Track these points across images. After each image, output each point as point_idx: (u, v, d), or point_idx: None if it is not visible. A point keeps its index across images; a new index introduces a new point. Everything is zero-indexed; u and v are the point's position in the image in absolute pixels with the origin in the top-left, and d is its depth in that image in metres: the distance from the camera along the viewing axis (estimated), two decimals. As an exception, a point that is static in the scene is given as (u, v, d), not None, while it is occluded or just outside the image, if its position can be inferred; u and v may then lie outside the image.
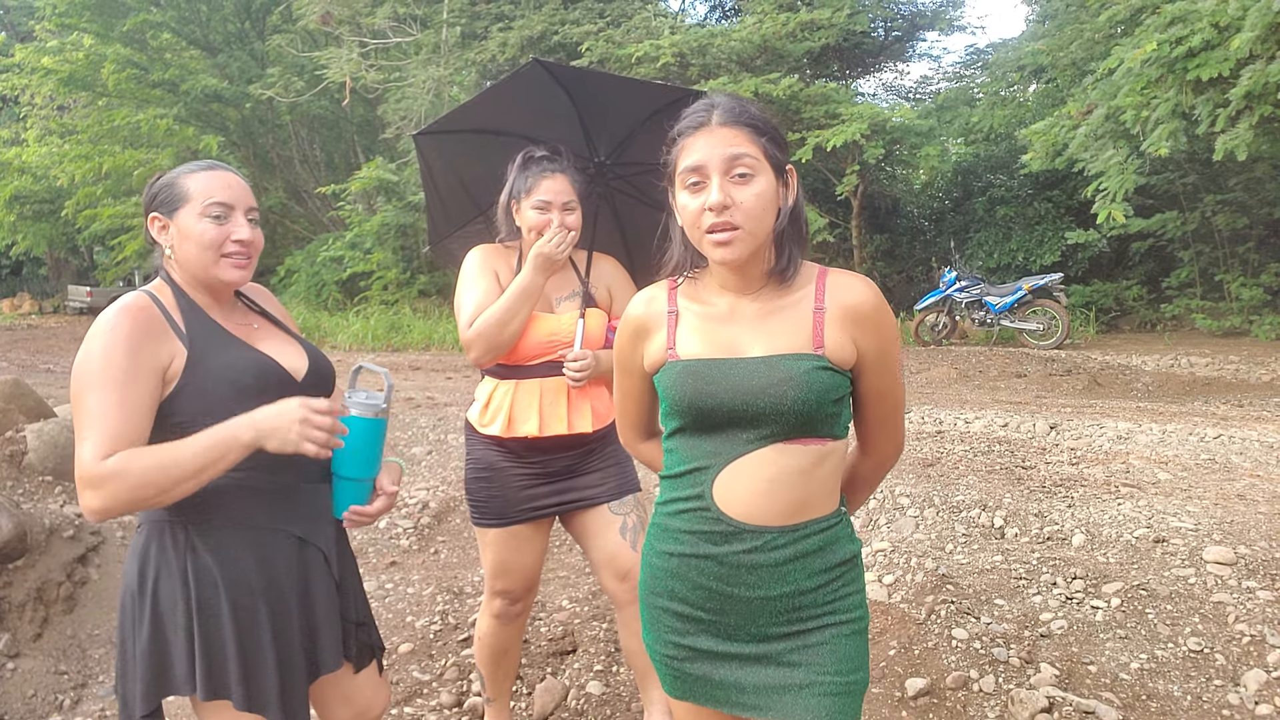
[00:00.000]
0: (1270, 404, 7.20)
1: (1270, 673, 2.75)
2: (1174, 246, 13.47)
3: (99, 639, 3.22)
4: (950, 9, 17.73)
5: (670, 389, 1.44)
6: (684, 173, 1.38)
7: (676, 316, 1.49)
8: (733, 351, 1.43)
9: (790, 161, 1.44)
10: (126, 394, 1.50)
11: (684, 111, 1.41)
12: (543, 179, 2.28)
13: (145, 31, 18.49)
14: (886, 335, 1.45)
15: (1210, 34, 7.96)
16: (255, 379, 1.61)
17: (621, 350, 1.57)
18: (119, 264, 21.70)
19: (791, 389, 1.36)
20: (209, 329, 1.64)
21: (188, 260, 1.64)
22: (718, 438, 1.42)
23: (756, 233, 1.37)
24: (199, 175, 1.64)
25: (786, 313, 1.44)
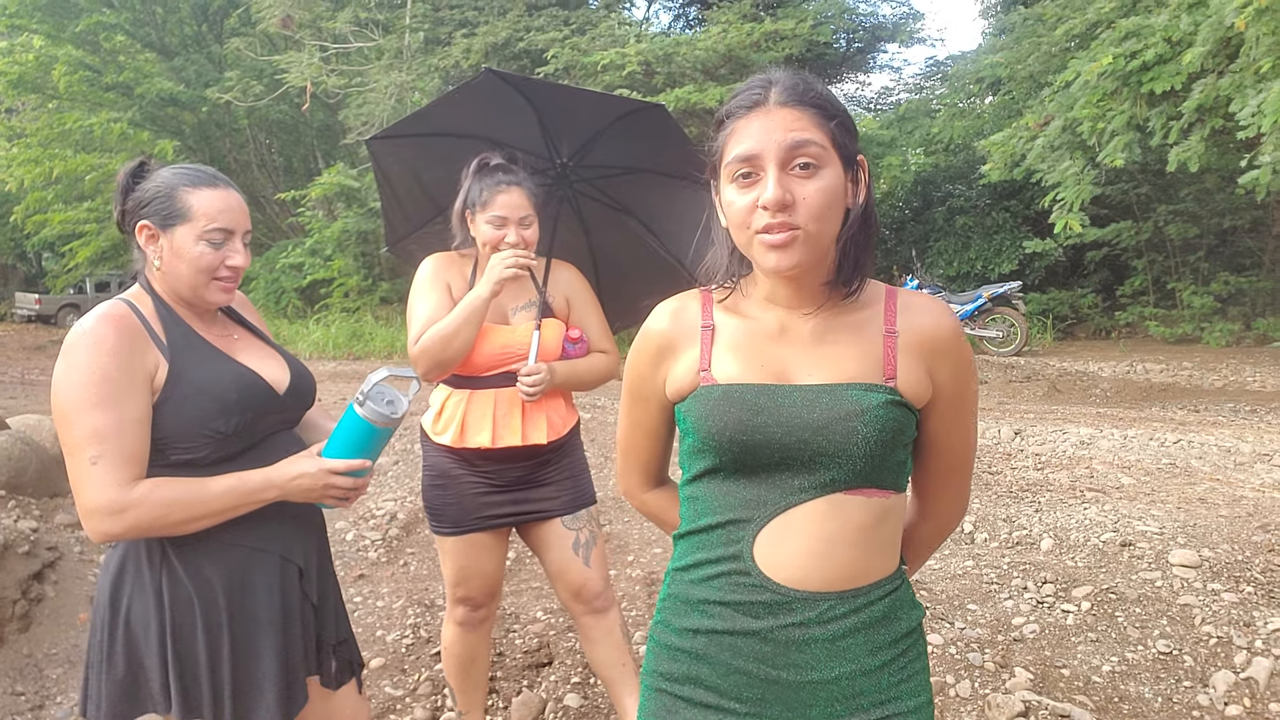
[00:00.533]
0: (1225, 409, 7.38)
1: (1238, 674, 2.80)
2: (1128, 255, 13.79)
3: (56, 658, 3.11)
4: (910, 22, 18.07)
5: (703, 419, 1.17)
6: (733, 162, 1.12)
7: (713, 332, 1.23)
8: (784, 377, 1.17)
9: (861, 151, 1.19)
10: (126, 410, 1.44)
11: (735, 88, 1.18)
12: (498, 193, 2.23)
13: (98, 33, 18.07)
14: (965, 372, 1.22)
15: (1163, 49, 8.17)
16: (238, 394, 1.55)
17: (638, 373, 1.30)
18: (69, 271, 21.16)
19: (862, 426, 1.11)
20: (190, 340, 1.58)
21: (176, 278, 1.57)
22: (761, 483, 1.15)
23: (820, 236, 1.12)
24: (202, 193, 1.56)
25: (850, 335, 1.18)
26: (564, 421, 2.35)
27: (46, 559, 3.41)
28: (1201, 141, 8.14)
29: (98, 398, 1.43)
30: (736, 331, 1.22)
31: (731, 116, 1.15)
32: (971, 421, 1.26)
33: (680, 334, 1.26)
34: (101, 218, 18.99)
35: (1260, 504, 4.11)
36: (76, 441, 1.43)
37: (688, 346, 1.24)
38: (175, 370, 1.52)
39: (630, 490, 1.45)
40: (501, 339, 2.27)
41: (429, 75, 14.71)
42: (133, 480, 1.44)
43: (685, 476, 1.26)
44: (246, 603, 1.57)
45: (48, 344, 17.77)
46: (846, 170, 1.14)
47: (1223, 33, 7.40)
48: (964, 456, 1.28)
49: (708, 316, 1.25)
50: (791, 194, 1.09)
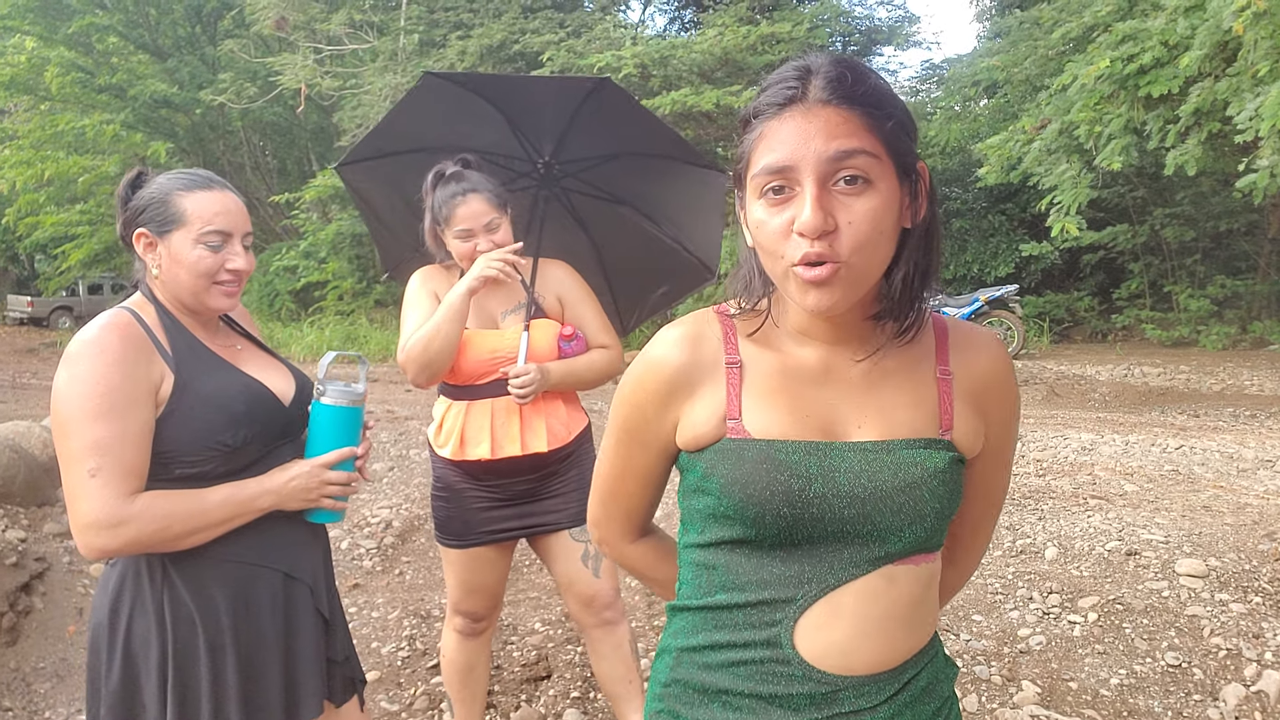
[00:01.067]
0: (1225, 413, 7.36)
1: (1248, 687, 2.76)
2: (1124, 259, 13.79)
3: (44, 672, 3.04)
4: (906, 25, 18.05)
5: (737, 484, 0.97)
6: (761, 174, 0.91)
7: (740, 370, 1.01)
8: (833, 432, 0.99)
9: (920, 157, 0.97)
10: (129, 423, 1.40)
11: (768, 78, 0.95)
12: (456, 206, 2.19)
13: (91, 35, 18.01)
14: (1014, 415, 1.09)
15: (1160, 52, 8.16)
16: (246, 405, 1.51)
17: (640, 413, 1.07)
18: (61, 273, 21.06)
19: (929, 495, 0.96)
20: (195, 351, 1.53)
21: (176, 284, 1.53)
22: (805, 558, 0.98)
23: (868, 270, 0.92)
24: (197, 196, 1.51)
25: (901, 378, 1.01)
26: (567, 427, 2.29)
27: (35, 570, 3.35)
28: (1199, 145, 8.12)
29: (100, 409, 1.38)
30: (770, 371, 1.01)
31: (761, 116, 0.93)
32: (1009, 466, 1.14)
33: (698, 369, 1.03)
34: (94, 220, 18.92)
35: (1265, 511, 4.07)
36: (75, 452, 1.38)
37: (708, 386, 1.02)
38: (181, 381, 1.47)
39: (608, 540, 1.22)
40: (490, 344, 2.22)
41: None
42: (131, 493, 1.40)
43: (695, 537, 1.06)
44: (250, 622, 1.52)
45: (40, 347, 17.65)
46: (903, 182, 0.92)
47: (1220, 36, 7.38)
48: (1000, 502, 1.17)
49: (732, 349, 1.03)
50: (834, 217, 0.88)
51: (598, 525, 1.21)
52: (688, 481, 1.05)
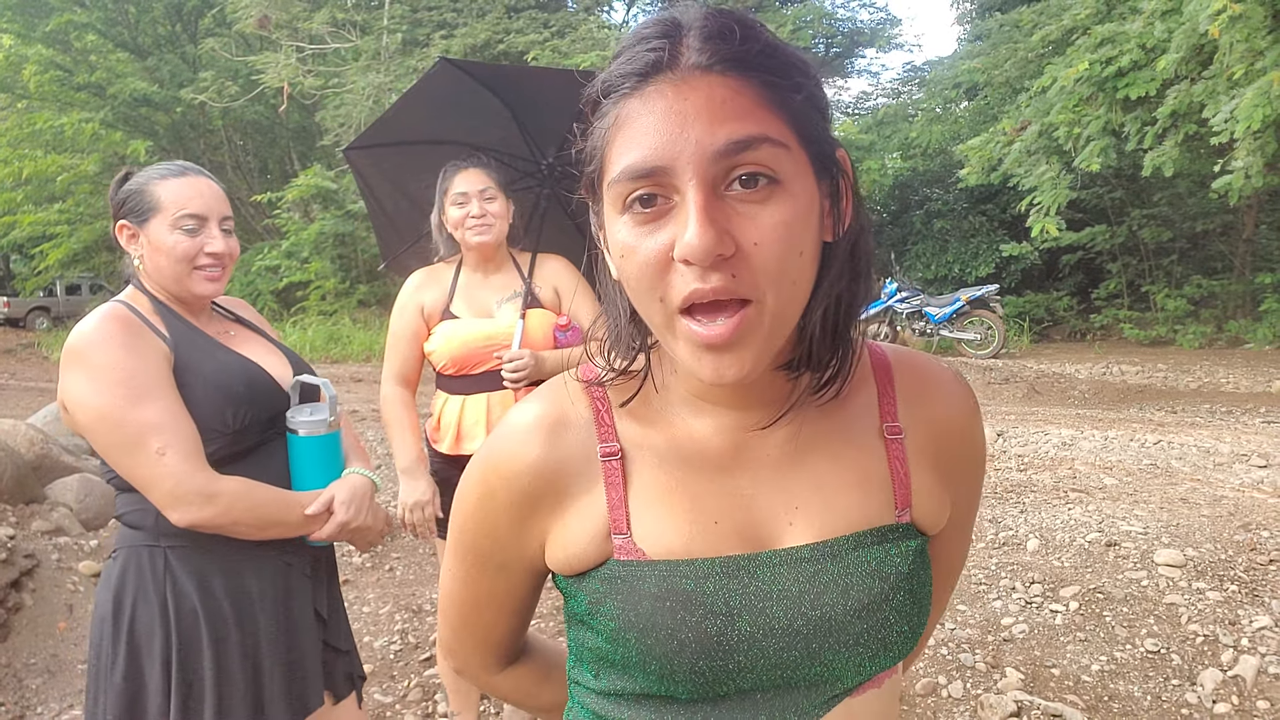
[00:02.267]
0: (1201, 410, 7.48)
1: (1225, 672, 2.83)
2: (1103, 259, 13.97)
3: (35, 668, 3.04)
4: (888, 27, 18.21)
5: (631, 628, 0.71)
6: (622, 181, 0.63)
7: (623, 464, 0.74)
8: (754, 537, 0.73)
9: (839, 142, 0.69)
10: (167, 399, 1.43)
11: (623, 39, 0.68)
12: (455, 175, 2.26)
13: (69, 32, 17.81)
14: (981, 472, 0.85)
15: (1138, 55, 8.29)
16: (246, 386, 1.53)
17: (490, 534, 0.79)
18: (39, 274, 20.82)
19: (898, 614, 0.72)
20: (192, 334, 1.56)
21: (159, 272, 1.55)
22: (736, 712, 0.73)
23: (788, 308, 0.65)
24: (170, 183, 1.54)
25: (838, 447, 0.75)
26: None
27: (24, 566, 3.34)
28: (1176, 147, 8.27)
29: (133, 393, 1.40)
30: (662, 458, 0.74)
31: (615, 93, 0.65)
32: (972, 530, 0.90)
33: (563, 469, 0.75)
34: (72, 220, 18.72)
35: (1240, 504, 4.16)
36: (132, 439, 1.39)
37: (580, 490, 0.75)
38: (180, 363, 1.49)
39: (468, 671, 0.93)
40: (484, 331, 2.26)
41: (407, 77, 14.62)
42: (209, 467, 1.43)
43: (589, 680, 0.79)
44: (252, 612, 1.53)
45: (17, 347, 17.46)
46: (821, 179, 0.66)
47: (1196, 39, 7.51)
48: (956, 574, 0.93)
49: (608, 434, 0.75)
50: (732, 236, 0.61)
51: (452, 654, 0.92)
52: (569, 607, 0.79)
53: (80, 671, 3.10)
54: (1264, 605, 3.16)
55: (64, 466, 4.38)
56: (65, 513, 4.00)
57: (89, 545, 3.82)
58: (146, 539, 1.49)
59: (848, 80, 28.41)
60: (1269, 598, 3.21)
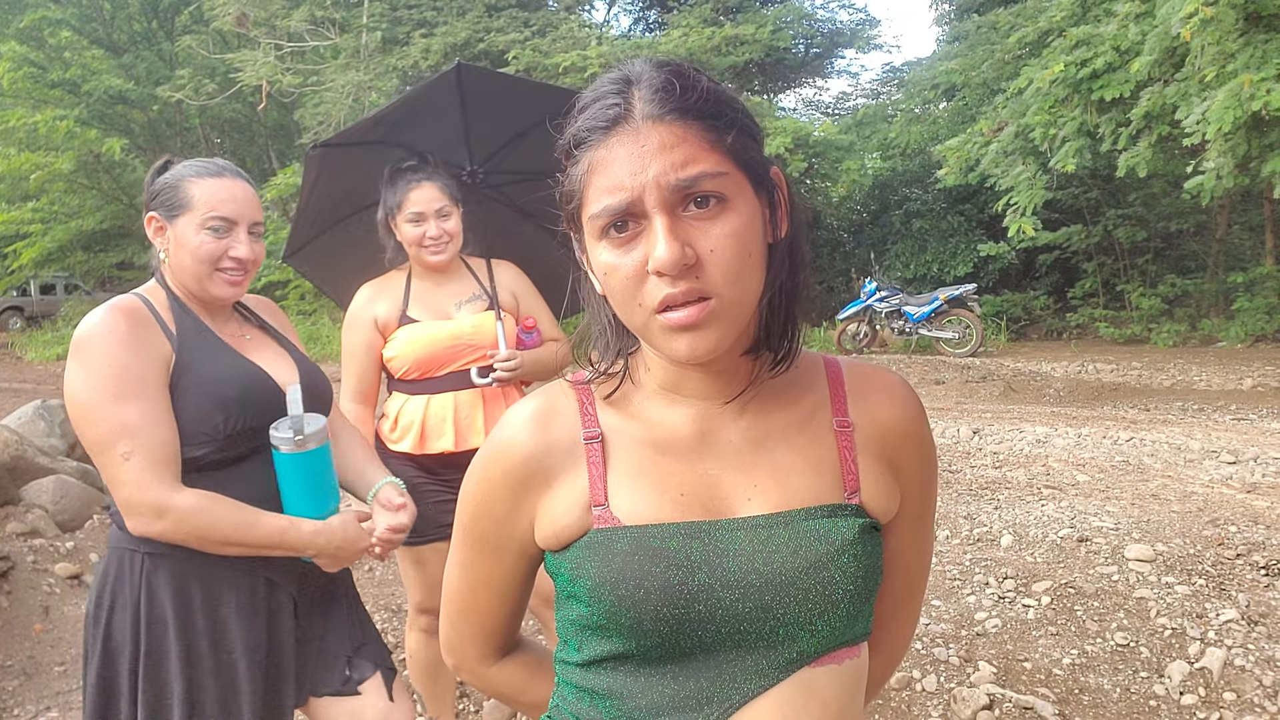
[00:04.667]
0: (1174, 408, 7.60)
1: (1192, 664, 2.89)
2: (1078, 258, 14.13)
3: (11, 670, 3.02)
4: (867, 28, 18.32)
5: (606, 584, 0.81)
6: (602, 215, 0.77)
7: (603, 446, 0.86)
8: (718, 509, 0.83)
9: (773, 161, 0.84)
10: (150, 401, 1.42)
11: (583, 95, 0.81)
12: (410, 190, 2.25)
13: (43, 29, 17.65)
14: (931, 472, 0.93)
15: (1112, 57, 8.41)
16: (240, 392, 1.51)
17: (489, 513, 0.90)
18: (12, 273, 20.56)
19: (840, 574, 0.81)
20: (200, 333, 1.55)
21: (181, 269, 1.55)
22: (702, 670, 0.81)
23: (743, 300, 0.78)
24: (205, 182, 1.53)
25: (792, 436, 0.86)
26: None
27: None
28: (1149, 148, 8.39)
29: (118, 390, 1.40)
30: (638, 443, 0.86)
31: (584, 144, 0.79)
32: (930, 533, 0.97)
33: (553, 452, 0.86)
34: (47, 218, 18.50)
35: (1210, 499, 4.24)
36: (104, 437, 1.39)
37: (567, 471, 0.86)
38: (181, 362, 1.49)
39: (465, 666, 1.02)
40: (450, 332, 2.28)
41: (387, 75, 14.58)
42: (173, 480, 1.41)
43: (573, 655, 0.88)
44: (228, 625, 1.50)
45: (-9, 348, 17.24)
46: (760, 194, 0.80)
47: (1169, 42, 7.63)
48: (924, 572, 1.00)
49: (591, 422, 0.87)
50: (693, 247, 0.75)
51: (451, 650, 1.01)
52: (558, 588, 0.89)
53: (57, 673, 3.09)
54: (1231, 599, 3.23)
55: (39, 468, 4.35)
56: (41, 514, 3.98)
57: (65, 547, 3.80)
58: (130, 542, 1.48)
59: (827, 81, 28.60)
60: (1236, 591, 3.27)
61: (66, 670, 3.11)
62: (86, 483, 4.50)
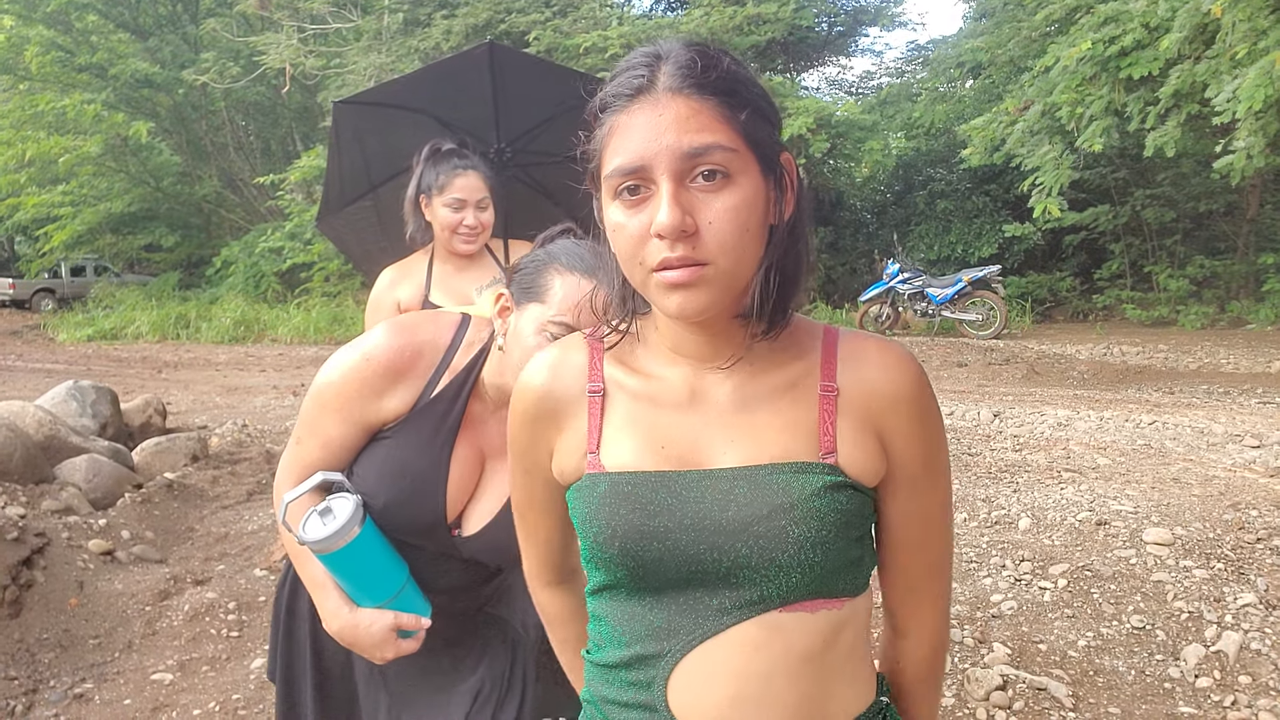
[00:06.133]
0: (1199, 391, 7.52)
1: (1208, 647, 2.89)
2: (1105, 239, 13.95)
3: (48, 643, 3.12)
4: (892, 5, 18.08)
5: (590, 521, 0.90)
6: (615, 176, 0.83)
7: (603, 399, 0.94)
8: (691, 460, 0.89)
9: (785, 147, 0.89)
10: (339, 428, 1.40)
11: (617, 66, 0.87)
12: (456, 176, 2.26)
13: (70, 13, 17.81)
14: (930, 439, 0.92)
15: (1141, 34, 8.26)
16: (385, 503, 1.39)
17: (516, 440, 1.01)
18: (43, 255, 20.90)
19: (793, 525, 0.85)
20: (441, 423, 1.40)
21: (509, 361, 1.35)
22: (670, 605, 0.89)
23: (736, 271, 0.84)
24: (570, 278, 1.30)
25: (777, 398, 0.91)
26: None
27: (35, 545, 3.42)
28: (1178, 127, 8.25)
29: (330, 403, 1.39)
30: (634, 398, 0.93)
31: (609, 109, 0.85)
32: (941, 510, 0.95)
33: (560, 399, 0.96)
34: (76, 201, 18.77)
35: (1231, 484, 4.21)
36: (301, 417, 1.43)
37: (572, 416, 0.95)
38: (400, 428, 1.40)
39: (530, 584, 1.13)
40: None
41: (408, 57, 14.59)
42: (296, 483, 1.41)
43: (588, 586, 0.98)
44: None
45: (23, 329, 17.56)
46: (767, 175, 0.85)
47: (1199, 19, 7.49)
48: (940, 553, 0.97)
49: (596, 376, 0.95)
50: (694, 217, 0.81)
51: (525, 571, 1.12)
52: (577, 534, 0.96)
53: (92, 646, 3.18)
54: (1249, 583, 3.22)
55: (72, 447, 4.45)
56: (74, 492, 4.08)
57: (98, 524, 3.89)
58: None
59: (851, 59, 28.27)
60: (1255, 575, 3.27)
61: (101, 643, 3.21)
62: (118, 462, 4.61)
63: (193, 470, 4.92)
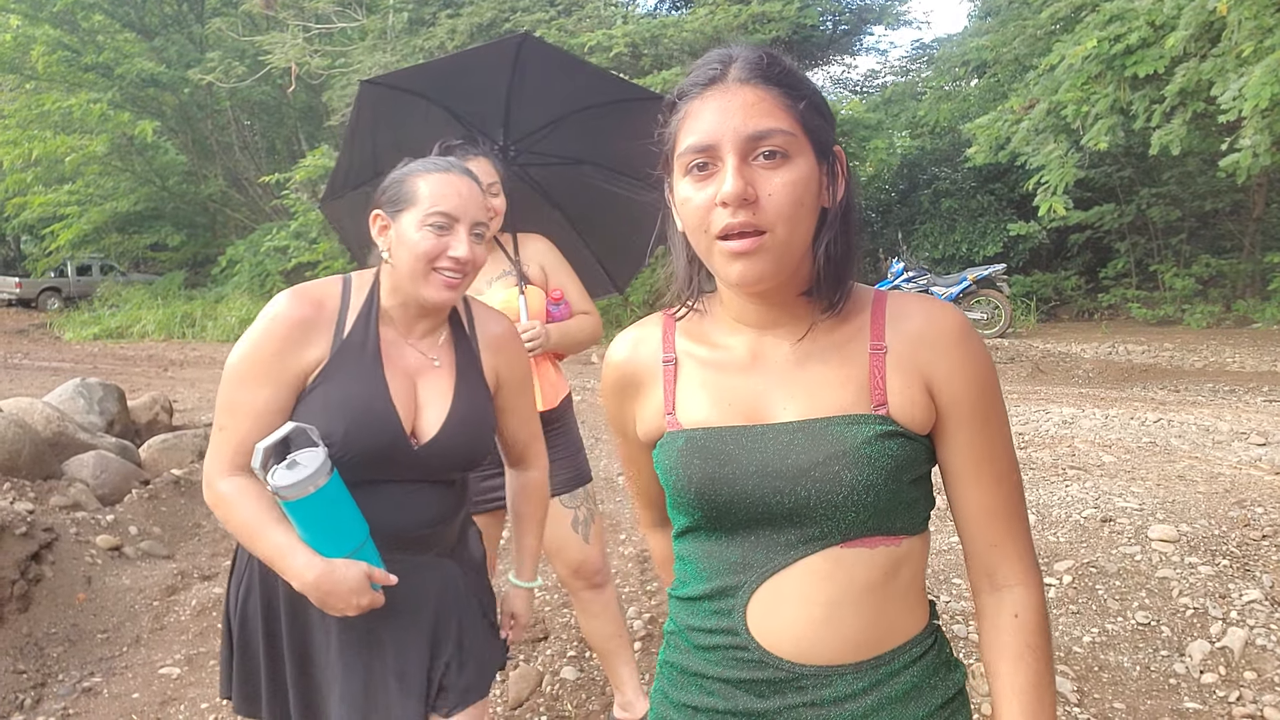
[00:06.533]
0: (1205, 389, 7.51)
1: (1213, 643, 2.89)
2: (1110, 238, 13.91)
3: (56, 637, 3.14)
4: (896, 4, 18.04)
5: (669, 473, 1.02)
6: (686, 153, 0.94)
7: (675, 367, 1.06)
8: (755, 415, 1.00)
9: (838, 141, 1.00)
10: (262, 395, 1.44)
11: (693, 64, 0.99)
12: (466, 161, 2.25)
13: (76, 13, 17.83)
14: (979, 376, 0.99)
15: (1146, 32, 8.23)
16: (347, 426, 1.43)
17: (607, 403, 1.17)
18: (49, 254, 20.96)
19: (847, 470, 0.94)
20: (364, 349, 1.49)
21: (399, 270, 1.49)
22: (744, 542, 1.00)
23: (791, 240, 0.93)
24: (432, 177, 1.48)
25: (831, 356, 1.00)
26: (554, 389, 2.39)
27: (43, 540, 3.44)
28: (1183, 125, 8.23)
29: (245, 375, 1.45)
30: (703, 364, 1.05)
31: (685, 97, 0.97)
32: (1002, 449, 1.00)
33: (641, 369, 1.10)
34: (82, 200, 18.82)
35: (1237, 481, 4.21)
36: (219, 405, 1.48)
37: (651, 384, 1.08)
38: (328, 370, 1.46)
39: (643, 529, 1.32)
40: None
41: (413, 56, 14.60)
42: (236, 468, 1.45)
43: (674, 530, 1.11)
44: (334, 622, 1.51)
45: (30, 328, 17.62)
46: (821, 162, 0.96)
47: (1205, 17, 7.46)
48: (1006, 487, 1.01)
49: (669, 347, 1.08)
50: (755, 187, 0.91)
51: (638, 513, 1.31)
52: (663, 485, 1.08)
53: (100, 640, 3.20)
54: (1255, 579, 3.22)
55: (79, 444, 4.47)
56: (82, 488, 4.10)
57: (105, 520, 3.92)
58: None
59: (856, 58, 28.22)
60: (1260, 572, 3.26)
61: (109, 637, 3.22)
62: (126, 458, 4.63)
63: (199, 467, 4.94)
